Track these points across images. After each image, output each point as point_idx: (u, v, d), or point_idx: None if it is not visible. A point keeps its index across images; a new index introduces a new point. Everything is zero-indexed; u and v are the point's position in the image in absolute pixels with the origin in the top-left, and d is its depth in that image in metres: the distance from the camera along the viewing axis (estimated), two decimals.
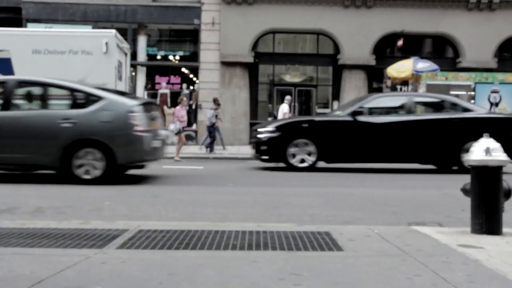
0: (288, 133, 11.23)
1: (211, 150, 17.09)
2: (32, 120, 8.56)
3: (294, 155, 11.13)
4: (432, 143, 11.22)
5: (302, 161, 11.15)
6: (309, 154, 11.15)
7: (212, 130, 17.45)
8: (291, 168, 11.06)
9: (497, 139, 12.95)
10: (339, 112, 12.05)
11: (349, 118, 11.25)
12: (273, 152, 11.23)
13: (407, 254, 3.54)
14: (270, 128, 11.44)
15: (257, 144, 11.55)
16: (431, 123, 11.34)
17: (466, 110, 11.64)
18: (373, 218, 5.56)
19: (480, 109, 12.12)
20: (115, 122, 8.31)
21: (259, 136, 11.48)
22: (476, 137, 11.49)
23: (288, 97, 19.18)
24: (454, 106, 11.82)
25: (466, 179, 4.35)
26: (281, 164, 11.34)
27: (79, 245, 3.72)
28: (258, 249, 3.68)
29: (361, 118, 11.27)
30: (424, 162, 11.70)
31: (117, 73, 14.48)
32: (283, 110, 18.12)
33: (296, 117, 11.41)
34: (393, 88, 23.25)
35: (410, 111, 11.55)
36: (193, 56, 23.17)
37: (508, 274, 3.05)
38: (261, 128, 11.72)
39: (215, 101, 18.52)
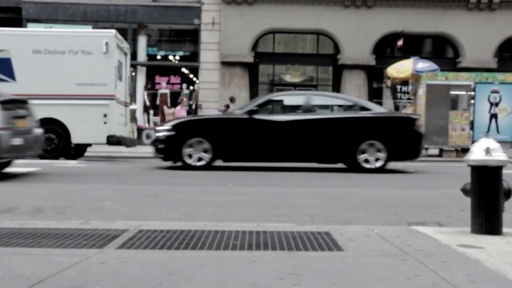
0: (184, 131, 11.09)
1: None
2: None
3: (190, 155, 11.00)
4: (329, 142, 11.13)
5: (200, 159, 11.04)
6: (205, 152, 11.04)
7: None
8: (187, 167, 10.95)
9: (397, 137, 13.00)
10: (238, 111, 11.95)
11: (246, 116, 11.16)
12: (169, 151, 11.12)
13: (407, 254, 3.54)
14: (167, 126, 11.36)
15: (155, 142, 11.45)
16: (327, 122, 11.28)
17: (365, 109, 11.52)
18: (373, 218, 5.56)
19: (379, 108, 12.01)
20: None
21: (157, 134, 11.41)
22: (374, 136, 11.57)
23: None
24: (353, 105, 11.71)
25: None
26: (179, 163, 11.25)
27: (79, 245, 3.72)
28: (258, 249, 3.68)
29: (258, 117, 11.17)
30: (321, 161, 11.58)
31: (117, 73, 14.49)
32: None
33: (192, 115, 11.41)
34: (393, 88, 23.28)
35: (308, 110, 11.46)
36: (193, 56, 23.19)
37: (508, 274, 3.05)
38: (160, 126, 11.60)
39: (232, 99, 18.70)
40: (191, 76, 23.94)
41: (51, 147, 13.29)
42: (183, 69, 23.81)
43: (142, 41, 22.82)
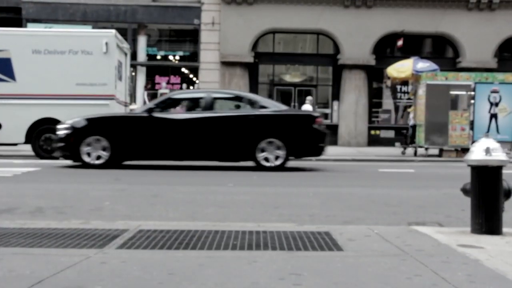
0: (82, 130, 11.00)
1: None
2: None
3: (89, 153, 10.92)
4: (228, 140, 11.09)
5: (99, 157, 10.96)
6: (104, 150, 10.96)
7: None
8: (85, 165, 10.87)
9: (296, 135, 12.89)
10: (139, 109, 11.84)
11: (145, 115, 11.11)
12: (68, 149, 11.06)
13: (407, 254, 3.54)
14: (66, 125, 11.24)
15: (56, 141, 11.38)
16: (226, 119, 11.26)
17: (265, 107, 11.45)
18: (373, 218, 5.56)
19: (279, 106, 11.91)
20: None
21: (57, 132, 11.33)
22: (274, 134, 11.49)
23: (309, 98, 19.30)
24: (252, 103, 11.65)
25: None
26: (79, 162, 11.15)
27: (79, 245, 3.72)
28: (258, 249, 3.68)
29: (157, 115, 11.11)
30: (222, 159, 11.52)
31: (117, 73, 14.48)
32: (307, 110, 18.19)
33: (91, 114, 11.37)
34: (393, 88, 23.28)
35: (208, 108, 11.40)
36: (193, 56, 23.19)
37: (508, 274, 3.05)
38: (60, 125, 11.56)
39: None
40: (191, 76, 23.94)
41: (51, 147, 13.28)
42: (183, 69, 23.82)
43: (142, 41, 22.83)
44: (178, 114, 11.56)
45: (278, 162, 10.95)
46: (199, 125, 11.13)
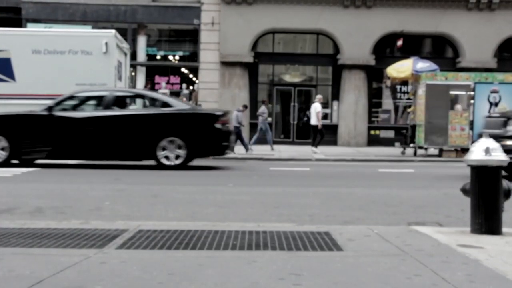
0: None
1: (247, 149, 16.64)
2: None
3: None
4: (128, 139, 11.03)
5: None
6: (3, 150, 10.86)
7: (239, 131, 17.06)
8: None
9: (197, 134, 12.71)
10: (40, 108, 11.59)
11: (45, 113, 10.98)
12: None
13: (407, 254, 3.54)
14: None
15: None
16: (126, 118, 11.19)
17: (167, 105, 11.36)
18: (372, 218, 5.57)
19: (181, 105, 11.79)
20: None
21: None
22: (174, 133, 11.33)
23: (319, 96, 19.28)
24: (155, 102, 11.59)
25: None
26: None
27: (79, 245, 3.72)
28: (258, 249, 3.68)
29: (57, 114, 11.00)
30: (123, 158, 11.43)
31: (116, 73, 14.48)
32: (316, 109, 18.17)
33: None
34: (393, 88, 23.28)
35: (109, 107, 11.33)
36: (193, 56, 23.18)
37: (508, 274, 3.05)
38: None
39: (264, 102, 18.81)
40: (190, 76, 23.92)
41: None
42: (183, 69, 23.80)
43: (141, 41, 22.81)
44: (78, 112, 11.32)
45: (178, 161, 10.89)
46: (99, 124, 11.02)
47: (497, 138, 9.75)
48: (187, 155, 10.92)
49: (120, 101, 11.92)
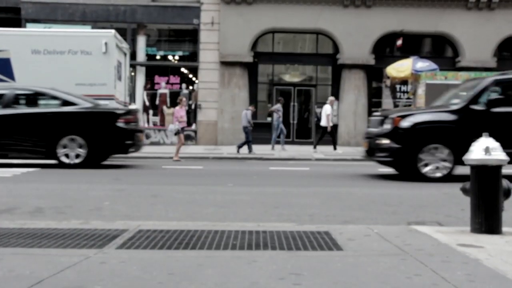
0: None
1: (250, 151, 16.59)
2: None
3: None
4: (28, 137, 11.03)
5: None
6: None
7: (248, 131, 17.05)
8: None
9: (98, 133, 12.62)
10: None
11: None
12: None
13: (407, 253, 3.54)
14: None
15: None
16: (24, 117, 11.19)
17: (70, 103, 11.33)
18: (372, 217, 5.57)
19: (84, 103, 11.65)
20: None
21: None
22: (75, 131, 11.40)
23: (331, 98, 19.33)
24: (56, 100, 11.50)
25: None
26: None
27: (79, 245, 3.72)
28: (258, 248, 3.68)
29: None
30: (23, 155, 11.44)
31: (116, 73, 14.49)
32: (326, 111, 18.16)
33: None
34: (393, 88, 23.27)
35: (9, 105, 11.30)
36: (193, 56, 23.17)
37: (508, 274, 3.05)
38: None
39: (279, 100, 18.89)
40: (190, 76, 23.92)
41: None
42: (183, 69, 23.79)
43: (141, 41, 22.80)
44: None
45: (78, 160, 10.92)
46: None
47: (375, 136, 9.98)
48: (87, 154, 10.94)
49: (22, 99, 11.88)
